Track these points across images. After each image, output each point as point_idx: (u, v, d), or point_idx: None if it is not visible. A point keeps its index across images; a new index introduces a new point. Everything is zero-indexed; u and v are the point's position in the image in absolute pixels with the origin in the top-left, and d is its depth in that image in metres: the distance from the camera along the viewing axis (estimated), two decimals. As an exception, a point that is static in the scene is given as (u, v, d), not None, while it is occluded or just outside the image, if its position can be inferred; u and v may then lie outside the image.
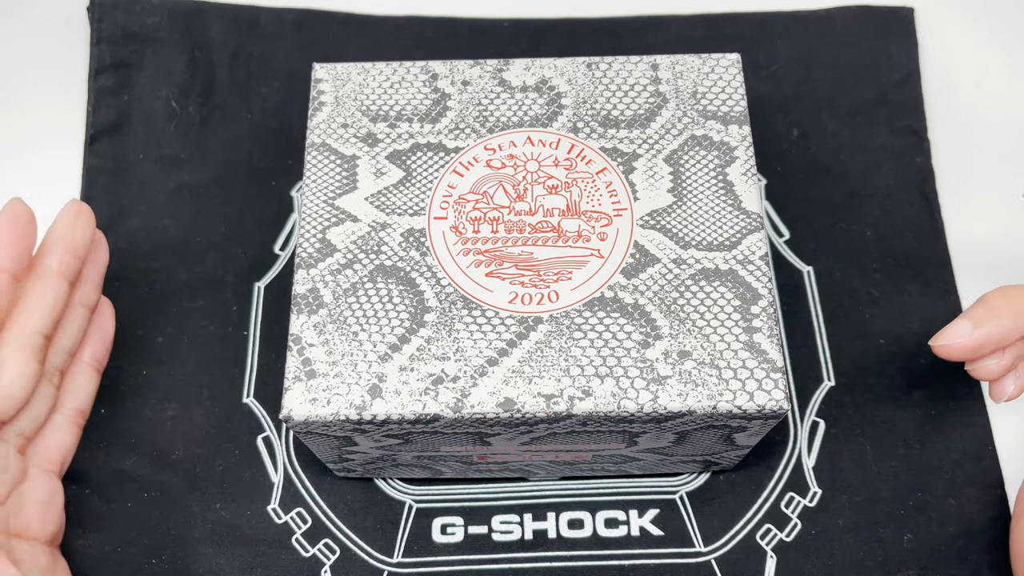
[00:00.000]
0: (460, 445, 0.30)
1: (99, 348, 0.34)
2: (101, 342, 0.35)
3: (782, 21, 0.43)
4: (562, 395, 0.27)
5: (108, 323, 0.35)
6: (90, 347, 0.34)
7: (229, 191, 0.40)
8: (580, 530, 0.34)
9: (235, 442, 0.36)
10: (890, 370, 0.37)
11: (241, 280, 0.39)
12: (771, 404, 0.27)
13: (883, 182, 0.40)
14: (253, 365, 0.37)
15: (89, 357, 0.34)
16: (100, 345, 0.34)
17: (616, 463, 0.33)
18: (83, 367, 0.34)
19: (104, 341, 0.35)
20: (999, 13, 0.44)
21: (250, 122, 0.42)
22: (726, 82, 0.32)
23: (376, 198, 0.31)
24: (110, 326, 0.35)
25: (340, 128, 0.32)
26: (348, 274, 0.29)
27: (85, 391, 0.34)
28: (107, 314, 0.35)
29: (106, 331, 0.35)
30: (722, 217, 0.30)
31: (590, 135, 0.31)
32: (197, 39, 0.43)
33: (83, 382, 0.34)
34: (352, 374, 0.28)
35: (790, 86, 0.42)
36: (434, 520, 0.35)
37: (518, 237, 0.30)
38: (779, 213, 0.40)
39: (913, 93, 0.42)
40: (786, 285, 0.38)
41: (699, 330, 0.28)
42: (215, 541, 0.34)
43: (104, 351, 0.35)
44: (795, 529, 0.34)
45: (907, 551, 0.34)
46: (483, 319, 0.28)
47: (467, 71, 0.33)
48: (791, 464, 0.35)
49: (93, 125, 0.41)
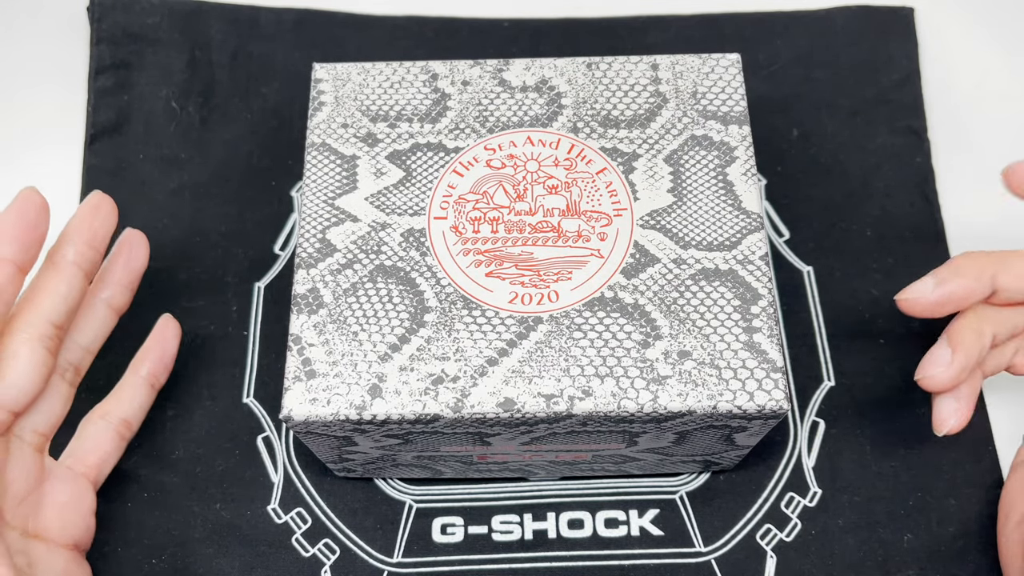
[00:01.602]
0: (460, 445, 0.30)
1: (158, 365, 0.34)
2: (160, 360, 0.35)
3: (782, 21, 0.43)
4: (562, 395, 0.27)
5: (171, 342, 0.35)
6: (149, 362, 0.34)
7: (229, 191, 0.40)
8: (580, 530, 0.34)
9: (235, 442, 0.36)
10: (890, 370, 0.37)
11: (241, 280, 0.39)
12: (771, 404, 0.27)
13: (883, 182, 0.40)
14: (253, 365, 0.37)
15: (146, 372, 0.34)
16: (159, 363, 0.34)
17: (616, 463, 0.33)
18: (138, 380, 0.34)
19: (164, 360, 0.35)
20: (999, 13, 0.44)
21: (250, 122, 0.42)
22: (726, 82, 0.32)
23: (376, 198, 0.31)
24: (172, 346, 0.35)
25: (340, 128, 0.32)
26: (348, 274, 0.29)
27: (135, 403, 0.34)
28: (171, 333, 0.35)
29: (167, 350, 0.35)
30: (722, 217, 0.30)
31: (590, 135, 0.31)
32: (197, 39, 0.43)
33: (134, 394, 0.34)
34: (352, 374, 0.28)
35: (790, 86, 0.42)
36: (434, 520, 0.35)
37: (518, 237, 0.30)
38: (779, 213, 0.40)
39: (913, 93, 0.42)
40: (786, 285, 0.38)
41: (699, 330, 0.28)
42: (215, 541, 0.34)
43: (162, 369, 0.35)
44: (795, 529, 0.34)
45: (907, 551, 0.34)
46: (483, 319, 0.28)
47: (467, 71, 0.33)
48: (791, 464, 0.35)
49: (93, 125, 0.41)
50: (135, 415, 0.34)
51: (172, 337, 0.35)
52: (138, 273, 0.34)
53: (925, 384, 0.30)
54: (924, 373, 0.30)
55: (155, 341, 0.35)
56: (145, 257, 0.34)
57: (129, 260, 0.33)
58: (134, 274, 0.34)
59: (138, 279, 0.34)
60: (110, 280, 0.33)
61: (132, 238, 0.34)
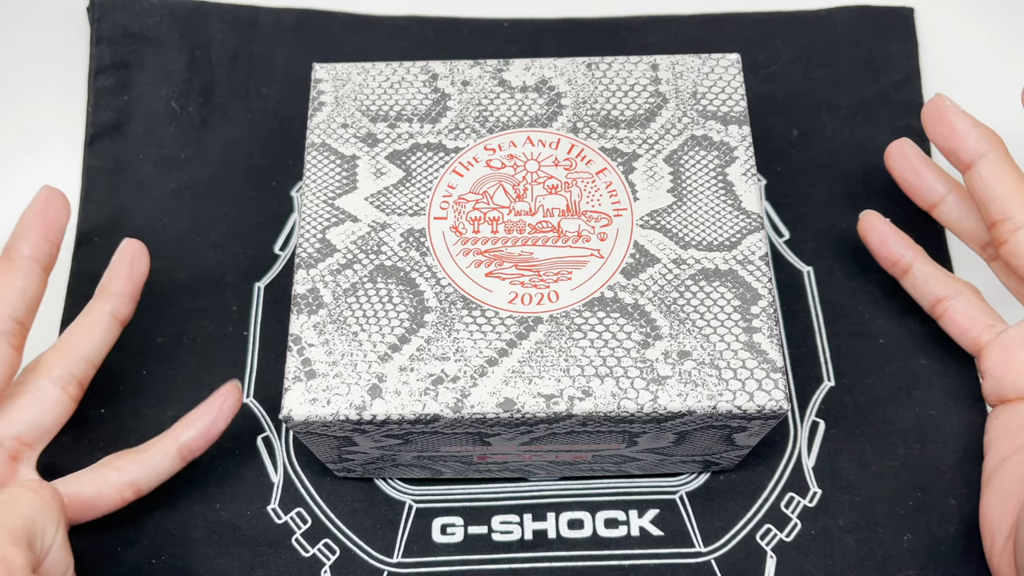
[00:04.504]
0: (460, 445, 0.30)
1: (190, 434, 0.32)
2: (194, 428, 0.32)
3: (782, 21, 0.43)
4: (562, 395, 0.27)
5: (139, 270, 0.33)
6: (114, 295, 0.33)
7: (229, 191, 0.40)
8: (580, 530, 0.34)
9: (235, 442, 0.36)
10: (890, 370, 0.37)
11: (241, 280, 0.39)
12: (771, 404, 0.27)
13: (883, 182, 0.40)
14: (253, 365, 0.37)
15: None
16: (192, 432, 0.32)
17: (616, 463, 0.33)
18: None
19: (198, 429, 0.32)
20: (999, 13, 0.44)
21: (250, 122, 0.42)
22: (726, 82, 0.32)
23: (376, 198, 0.31)
24: (140, 273, 0.33)
25: (340, 128, 0.32)
26: (348, 274, 0.29)
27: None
28: (139, 259, 0.33)
29: (203, 421, 0.32)
30: (722, 217, 0.30)
31: (590, 135, 0.31)
32: (197, 39, 0.43)
33: (155, 457, 0.32)
34: (352, 374, 0.28)
35: (790, 86, 0.42)
36: (434, 520, 0.35)
37: (518, 237, 0.30)
38: (779, 213, 0.40)
39: (913, 93, 0.42)
40: (786, 285, 0.38)
41: (699, 330, 0.28)
42: (215, 541, 0.34)
43: (195, 438, 0.32)
44: (795, 529, 0.34)
45: (907, 551, 0.34)
46: (483, 319, 0.28)
47: (467, 71, 0.33)
48: (791, 464, 0.35)
49: (93, 125, 0.41)
50: (147, 481, 0.31)
51: (227, 408, 0.32)
52: (140, 283, 0.34)
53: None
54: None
55: (208, 407, 0.32)
56: (146, 267, 0.34)
57: (131, 271, 0.33)
58: (136, 284, 0.33)
59: (140, 289, 0.34)
60: (112, 291, 0.33)
61: (133, 248, 0.33)
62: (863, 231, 0.36)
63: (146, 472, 0.31)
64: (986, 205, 0.32)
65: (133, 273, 0.33)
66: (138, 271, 0.33)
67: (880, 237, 0.36)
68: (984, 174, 0.32)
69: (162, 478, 0.32)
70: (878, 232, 0.36)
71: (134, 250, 0.33)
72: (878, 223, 0.36)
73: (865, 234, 0.36)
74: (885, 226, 0.36)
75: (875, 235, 0.36)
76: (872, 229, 0.36)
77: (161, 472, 0.32)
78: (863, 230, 0.36)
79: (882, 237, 0.36)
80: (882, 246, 0.36)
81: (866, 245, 0.36)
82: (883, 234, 0.36)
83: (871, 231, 0.36)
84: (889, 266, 0.36)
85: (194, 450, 0.32)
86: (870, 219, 0.36)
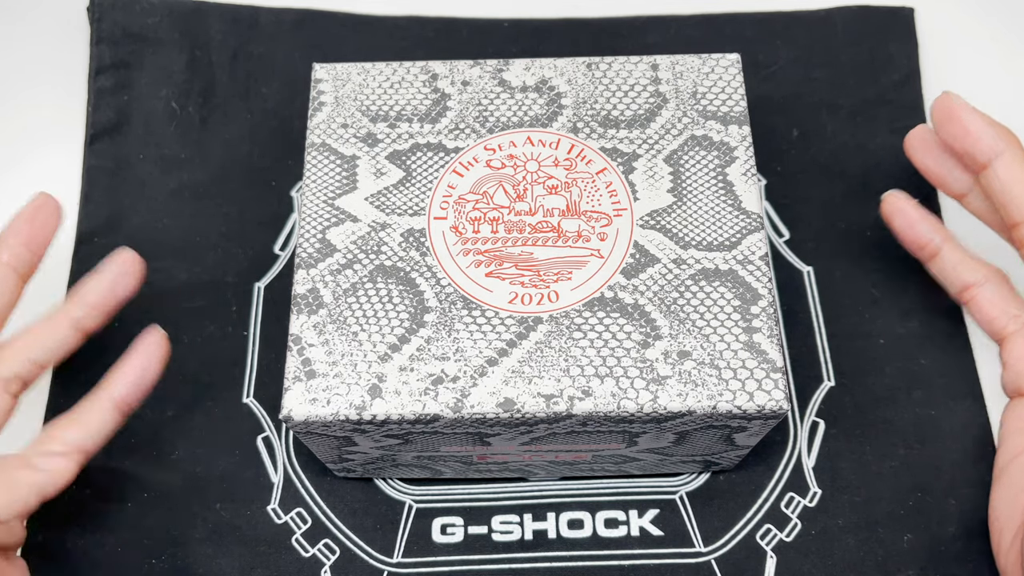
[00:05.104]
0: (460, 445, 0.30)
1: (132, 389, 0.30)
2: (137, 384, 0.31)
3: (782, 21, 0.43)
4: (562, 395, 0.27)
5: (154, 362, 0.31)
6: (122, 385, 0.30)
7: (229, 191, 0.40)
8: (580, 530, 0.34)
9: (235, 442, 0.36)
10: (890, 370, 0.37)
11: (241, 280, 0.39)
12: (771, 404, 0.27)
13: (883, 182, 0.40)
14: (253, 365, 0.37)
15: (118, 395, 0.30)
16: (124, 386, 0.30)
17: (616, 463, 0.33)
18: (106, 403, 0.30)
19: (141, 383, 0.31)
20: (999, 13, 0.44)
21: (250, 122, 0.42)
22: (726, 82, 0.32)
23: (376, 198, 0.31)
24: (155, 366, 0.31)
25: (340, 128, 0.32)
26: (348, 274, 0.29)
27: (93, 428, 0.30)
28: (155, 351, 0.31)
29: (134, 372, 0.30)
30: (722, 217, 0.30)
31: (590, 135, 0.31)
32: (197, 39, 0.43)
33: (98, 418, 0.30)
34: (352, 374, 0.28)
35: (790, 86, 0.42)
36: (434, 520, 0.35)
37: (518, 237, 0.30)
38: (779, 213, 0.40)
39: (913, 93, 0.42)
40: (786, 285, 0.38)
41: (699, 330, 0.28)
42: (215, 541, 0.34)
43: (137, 393, 0.31)
44: (795, 529, 0.34)
45: (907, 551, 0.34)
46: (483, 319, 0.28)
47: (467, 71, 0.33)
48: (791, 464, 0.35)
49: (93, 125, 0.41)
50: (94, 443, 0.30)
51: (156, 356, 0.31)
52: (121, 300, 0.31)
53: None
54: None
55: (136, 359, 0.31)
56: (135, 285, 0.32)
57: (115, 285, 0.31)
58: (116, 301, 0.31)
59: (120, 306, 0.31)
60: (83, 301, 0.31)
61: (124, 261, 0.32)
62: (887, 214, 0.34)
63: (91, 436, 0.30)
64: (1006, 206, 0.31)
65: (116, 288, 0.31)
66: (123, 287, 0.31)
67: (907, 220, 0.34)
68: (1002, 174, 0.30)
69: (107, 438, 0.30)
70: (904, 215, 0.34)
71: (125, 264, 0.31)
72: (905, 205, 0.34)
73: (890, 217, 0.34)
74: (912, 208, 0.34)
75: (901, 218, 0.34)
76: (898, 212, 0.34)
77: (105, 432, 0.30)
78: (888, 213, 0.34)
79: (909, 220, 0.33)
80: (909, 229, 0.33)
81: (891, 228, 0.34)
82: (910, 216, 0.33)
83: (897, 214, 0.34)
84: (916, 250, 0.34)
85: (131, 404, 0.31)
86: (896, 200, 0.34)
